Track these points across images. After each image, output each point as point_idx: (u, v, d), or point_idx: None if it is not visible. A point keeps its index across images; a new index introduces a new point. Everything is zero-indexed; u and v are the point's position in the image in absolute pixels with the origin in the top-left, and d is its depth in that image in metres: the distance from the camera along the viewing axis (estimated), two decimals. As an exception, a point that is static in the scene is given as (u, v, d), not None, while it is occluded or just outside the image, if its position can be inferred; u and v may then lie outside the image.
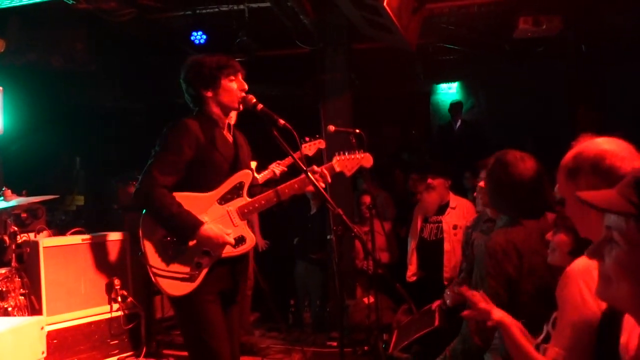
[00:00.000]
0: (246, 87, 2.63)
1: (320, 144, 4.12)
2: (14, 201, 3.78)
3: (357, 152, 3.03)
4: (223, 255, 2.53)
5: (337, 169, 2.95)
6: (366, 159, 3.05)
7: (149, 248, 2.48)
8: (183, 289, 2.47)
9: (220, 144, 2.57)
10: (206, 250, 2.50)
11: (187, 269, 2.47)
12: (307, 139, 3.81)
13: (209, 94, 2.59)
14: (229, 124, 2.68)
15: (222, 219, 2.55)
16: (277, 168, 4.17)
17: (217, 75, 2.57)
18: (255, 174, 4.22)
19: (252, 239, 2.62)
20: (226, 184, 2.59)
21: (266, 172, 4.16)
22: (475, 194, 3.70)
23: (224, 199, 2.58)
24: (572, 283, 1.67)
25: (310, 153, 3.89)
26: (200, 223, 2.45)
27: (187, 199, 2.49)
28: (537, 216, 2.43)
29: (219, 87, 2.58)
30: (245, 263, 2.71)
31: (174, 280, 2.46)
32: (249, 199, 2.63)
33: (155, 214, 2.48)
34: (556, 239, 2.13)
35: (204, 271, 2.49)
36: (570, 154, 1.66)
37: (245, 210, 2.60)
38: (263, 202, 2.64)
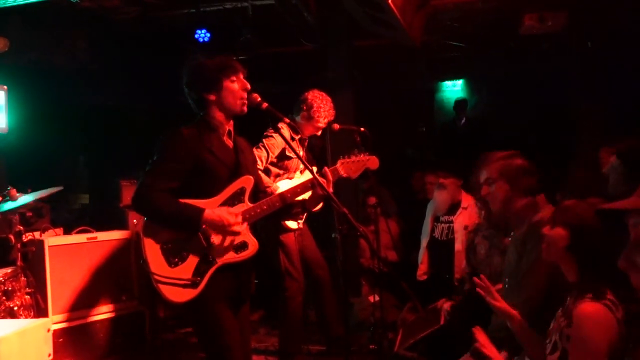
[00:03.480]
0: (249, 86, 2.59)
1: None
2: (19, 200, 3.78)
3: (362, 154, 3.01)
4: (226, 261, 2.52)
5: (342, 174, 2.94)
6: (372, 161, 3.03)
7: (150, 255, 2.46)
8: (185, 295, 2.45)
9: (218, 151, 2.55)
10: (208, 257, 2.49)
11: (189, 276, 2.46)
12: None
13: (212, 97, 2.55)
14: (229, 130, 2.65)
15: None
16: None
17: (218, 77, 2.54)
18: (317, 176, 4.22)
19: (254, 245, 2.59)
20: (227, 190, 2.56)
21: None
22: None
23: (225, 205, 2.56)
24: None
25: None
26: (202, 210, 2.44)
27: None
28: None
29: (221, 89, 2.54)
30: (248, 268, 2.68)
31: (175, 287, 2.44)
32: (250, 205, 2.62)
33: (155, 216, 2.46)
34: (553, 233, 2.12)
35: (207, 277, 2.48)
36: None
37: (247, 216, 2.58)
38: (265, 207, 2.62)
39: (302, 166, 4.18)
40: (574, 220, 2.08)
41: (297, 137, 4.15)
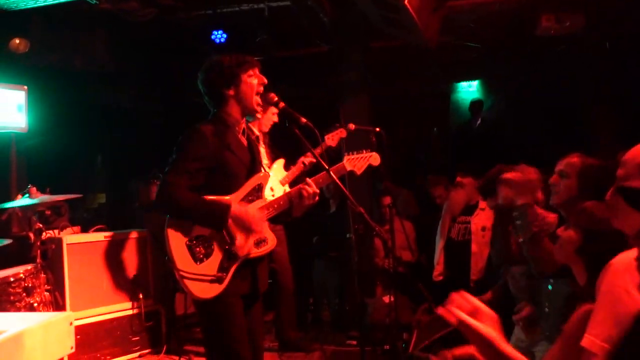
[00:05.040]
0: (266, 80, 2.65)
1: (342, 132, 4.19)
2: (39, 198, 3.85)
3: (364, 151, 3.06)
4: (247, 256, 2.55)
5: (348, 168, 2.98)
6: (374, 158, 3.09)
7: (175, 252, 2.47)
8: (211, 291, 2.47)
9: (236, 148, 2.59)
10: (231, 252, 2.51)
11: (214, 271, 2.48)
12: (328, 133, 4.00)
13: (231, 92, 2.60)
14: (243, 128, 2.69)
15: None
16: (306, 159, 4.22)
17: (236, 72, 2.58)
18: (284, 171, 4.28)
19: (273, 240, 2.64)
20: (245, 187, 2.60)
21: (295, 167, 4.21)
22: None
23: (244, 201, 2.59)
24: (616, 276, 1.65)
25: (334, 144, 4.00)
26: (229, 205, 2.48)
27: None
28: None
29: (239, 83, 2.59)
30: (265, 264, 2.72)
31: (202, 283, 2.46)
32: (268, 200, 2.66)
33: (181, 213, 2.49)
34: (565, 235, 2.11)
35: (231, 272, 2.50)
36: None
37: (265, 211, 2.62)
38: (282, 202, 2.66)
39: (265, 161, 4.31)
40: (587, 223, 2.07)
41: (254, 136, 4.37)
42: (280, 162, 4.38)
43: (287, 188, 4.13)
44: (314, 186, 2.66)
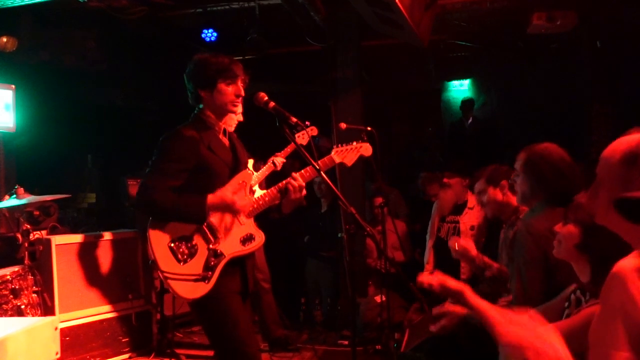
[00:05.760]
0: (242, 93, 2.62)
1: (313, 131, 4.13)
2: (26, 199, 3.80)
3: (354, 142, 3.00)
4: (234, 254, 2.53)
5: (337, 160, 2.93)
6: (365, 148, 3.02)
7: (159, 254, 2.47)
8: (198, 291, 2.46)
9: (217, 149, 2.58)
10: (217, 251, 2.49)
11: (199, 271, 2.47)
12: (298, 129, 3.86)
13: (204, 94, 2.59)
14: (224, 129, 2.67)
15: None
16: (277, 159, 4.17)
17: (215, 78, 2.57)
18: (254, 172, 4.24)
19: (260, 237, 2.62)
20: (228, 186, 2.59)
21: (265, 167, 4.17)
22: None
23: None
24: (622, 286, 1.62)
25: (304, 142, 3.91)
26: (205, 196, 2.47)
27: None
28: (565, 204, 2.41)
29: (214, 90, 2.58)
30: (252, 263, 2.71)
31: (187, 283, 2.45)
32: (252, 198, 2.64)
33: (161, 214, 2.48)
34: (564, 231, 2.09)
35: (217, 272, 2.49)
36: (631, 141, 1.59)
37: (250, 209, 2.61)
38: (267, 199, 2.65)
39: None
40: (586, 218, 2.04)
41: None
42: (249, 162, 4.36)
43: (257, 188, 4.10)
44: (299, 179, 2.64)
